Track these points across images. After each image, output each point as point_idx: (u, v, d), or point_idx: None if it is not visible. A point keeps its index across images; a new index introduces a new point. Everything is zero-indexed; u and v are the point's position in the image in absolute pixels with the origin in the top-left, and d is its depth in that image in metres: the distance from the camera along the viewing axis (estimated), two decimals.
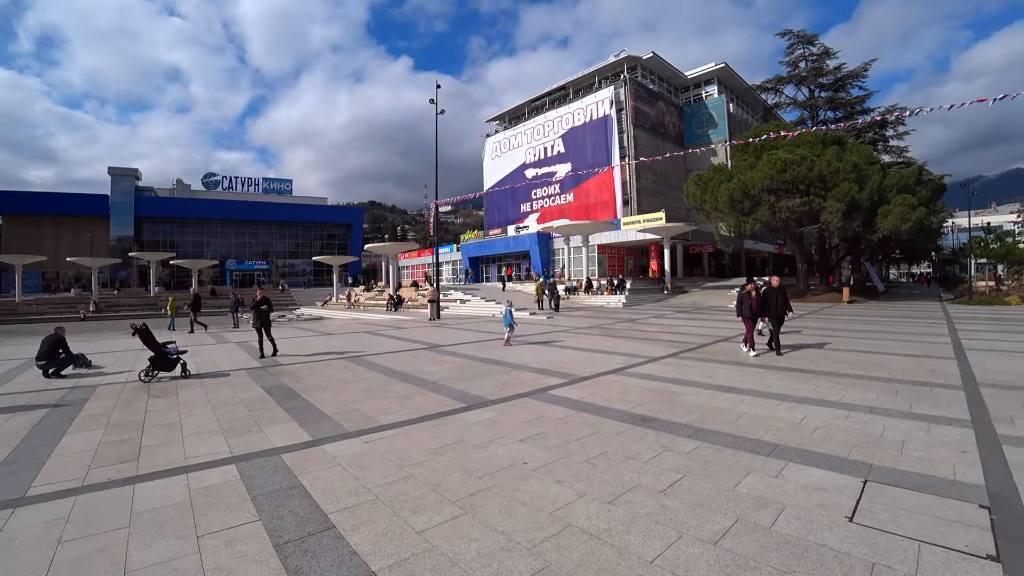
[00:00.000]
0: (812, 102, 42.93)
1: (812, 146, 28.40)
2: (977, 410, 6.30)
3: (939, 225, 46.19)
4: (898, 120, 41.70)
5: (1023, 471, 4.33)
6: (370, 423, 6.12)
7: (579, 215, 47.43)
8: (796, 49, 42.95)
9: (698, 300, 31.02)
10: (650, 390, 7.60)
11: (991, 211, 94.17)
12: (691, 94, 55.68)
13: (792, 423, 5.76)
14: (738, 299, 11.25)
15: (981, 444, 5.04)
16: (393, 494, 4.04)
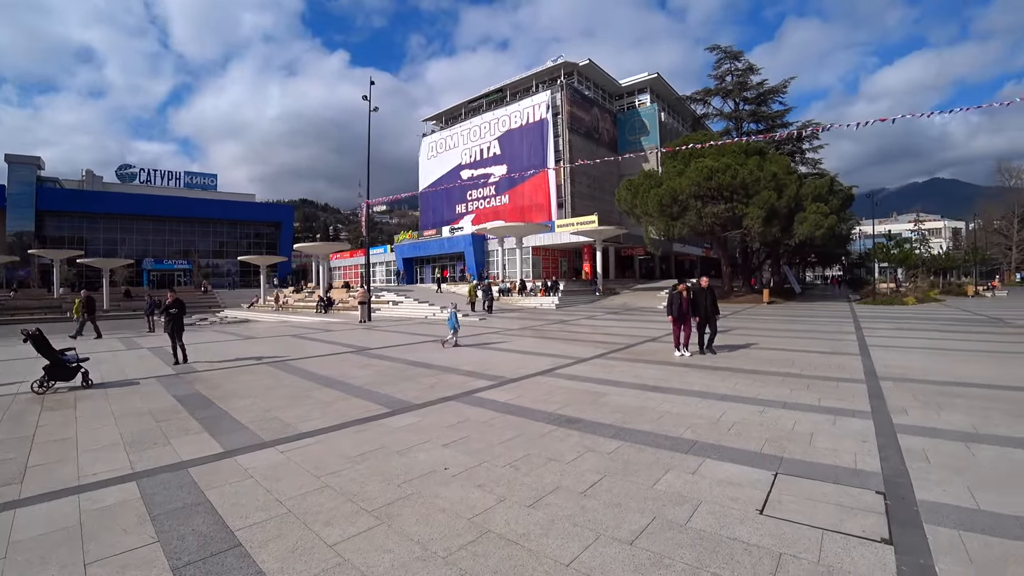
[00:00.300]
0: (737, 114, 45.28)
1: (736, 156, 29.84)
2: (877, 402, 6.81)
3: (848, 232, 49.88)
4: (813, 134, 44.68)
5: (913, 457, 4.74)
6: (288, 431, 5.87)
7: (514, 217, 47.79)
8: (723, 64, 45.30)
9: (628, 301, 31.93)
10: (577, 391, 7.73)
11: (892, 220, 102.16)
12: (625, 102, 57.37)
13: (711, 420, 6.01)
14: (668, 299, 11.36)
15: (879, 433, 5.44)
16: (307, 506, 3.89)
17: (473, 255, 45.36)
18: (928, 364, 9.85)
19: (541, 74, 51.76)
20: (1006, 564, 3.01)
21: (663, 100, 56.80)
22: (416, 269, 54.69)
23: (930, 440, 5.22)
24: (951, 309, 26.36)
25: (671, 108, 58.35)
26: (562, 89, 48.23)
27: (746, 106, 45.46)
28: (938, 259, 63.03)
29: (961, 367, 9.55)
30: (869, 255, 55.73)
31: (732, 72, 45.18)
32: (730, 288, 35.16)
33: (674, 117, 58.73)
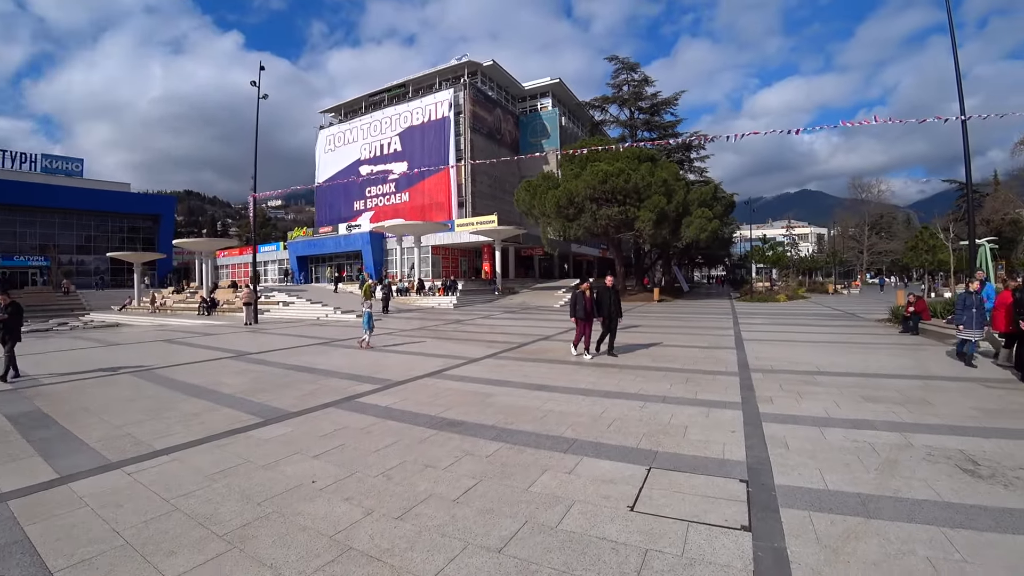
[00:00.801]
0: (632, 122, 47.43)
1: (630, 161, 31.13)
2: (747, 393, 7.26)
3: (730, 235, 53.88)
4: (700, 144, 47.75)
5: (775, 444, 5.05)
6: (141, 449, 5.22)
7: (414, 215, 46.92)
8: (621, 74, 47.34)
9: (527, 300, 32.37)
10: (464, 392, 7.59)
11: (768, 225, 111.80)
12: (527, 104, 58.18)
13: (593, 417, 6.09)
14: (571, 299, 11.00)
15: (747, 423, 5.77)
16: (149, 534, 3.42)
17: (371, 254, 43.99)
18: (794, 355, 10.74)
19: (445, 72, 51.26)
20: (847, 539, 3.24)
21: (564, 105, 58.29)
22: (311, 268, 52.13)
23: (790, 427, 5.61)
24: (815, 305, 29.18)
25: (571, 113, 60.01)
26: (465, 88, 48.05)
27: (641, 115, 47.79)
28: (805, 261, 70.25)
29: (821, 357, 10.49)
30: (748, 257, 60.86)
31: (629, 82, 47.37)
32: (624, 287, 36.71)
33: (574, 122, 60.44)
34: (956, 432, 5.48)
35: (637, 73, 47.14)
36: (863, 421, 5.85)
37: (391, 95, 54.97)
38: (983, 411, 6.36)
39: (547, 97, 57.09)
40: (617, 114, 49.01)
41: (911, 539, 3.25)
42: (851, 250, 71.04)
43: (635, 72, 47.14)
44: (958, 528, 3.38)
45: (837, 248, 72.98)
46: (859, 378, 8.37)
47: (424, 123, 49.77)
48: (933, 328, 13.99)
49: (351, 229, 49.00)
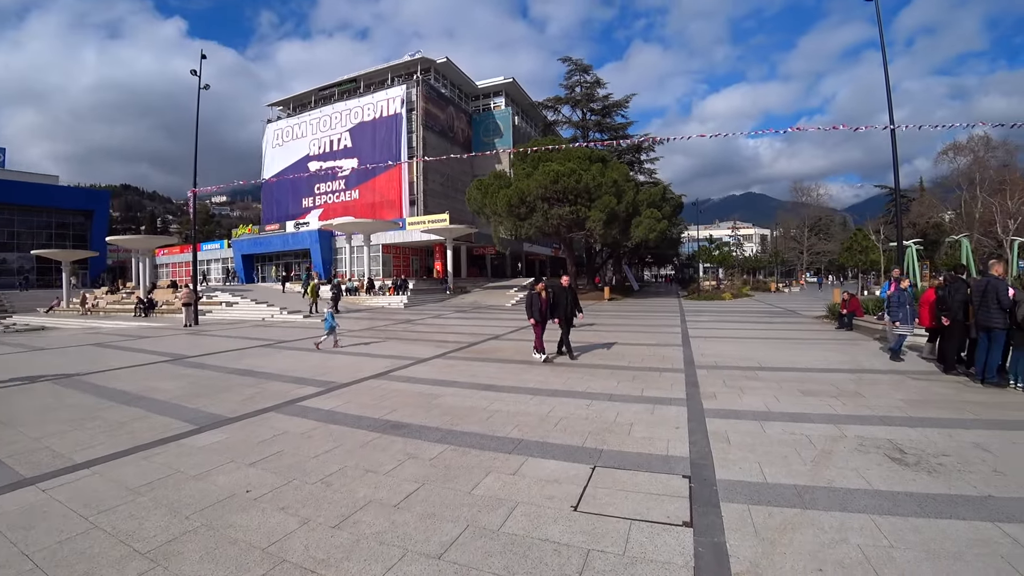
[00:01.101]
0: (584, 123, 48.00)
1: (581, 161, 31.44)
2: (692, 389, 7.40)
3: (678, 235, 55.31)
4: (650, 146, 48.81)
5: (717, 439, 5.14)
6: (59, 463, 4.82)
7: (365, 213, 45.99)
8: (574, 75, 47.86)
9: (478, 300, 32.28)
10: (410, 394, 7.45)
11: (715, 226, 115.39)
12: (481, 103, 58.00)
13: (540, 416, 6.06)
14: (527, 300, 10.34)
15: (691, 419, 5.87)
16: (63, 556, 3.13)
17: (320, 252, 42.91)
18: (737, 352, 11.05)
19: (398, 68, 50.44)
20: (784, 531, 3.31)
21: (517, 105, 58.45)
22: (257, 267, 50.40)
23: (732, 422, 5.74)
24: (758, 303, 30.28)
25: (525, 113, 60.25)
26: (418, 85, 47.46)
27: (592, 116, 48.44)
28: (750, 260, 72.97)
29: (763, 353, 10.84)
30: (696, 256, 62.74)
31: (581, 84, 47.94)
32: (575, 286, 37.08)
33: (527, 122, 60.69)
34: (885, 423, 5.73)
35: (590, 75, 47.81)
36: (801, 414, 6.05)
37: (342, 90, 53.71)
38: (909, 402, 6.70)
39: (500, 96, 57.11)
40: (569, 115, 49.61)
41: (844, 528, 3.35)
42: (792, 250, 74.33)
43: (588, 74, 47.79)
44: (886, 515, 3.52)
45: (779, 248, 76.21)
46: (798, 372, 8.69)
47: (376, 119, 48.90)
48: (865, 324, 14.71)
49: (299, 227, 47.58)
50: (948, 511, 3.57)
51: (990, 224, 41.49)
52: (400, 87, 47.99)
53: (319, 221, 46.81)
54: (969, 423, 5.76)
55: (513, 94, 57.68)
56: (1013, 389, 7.40)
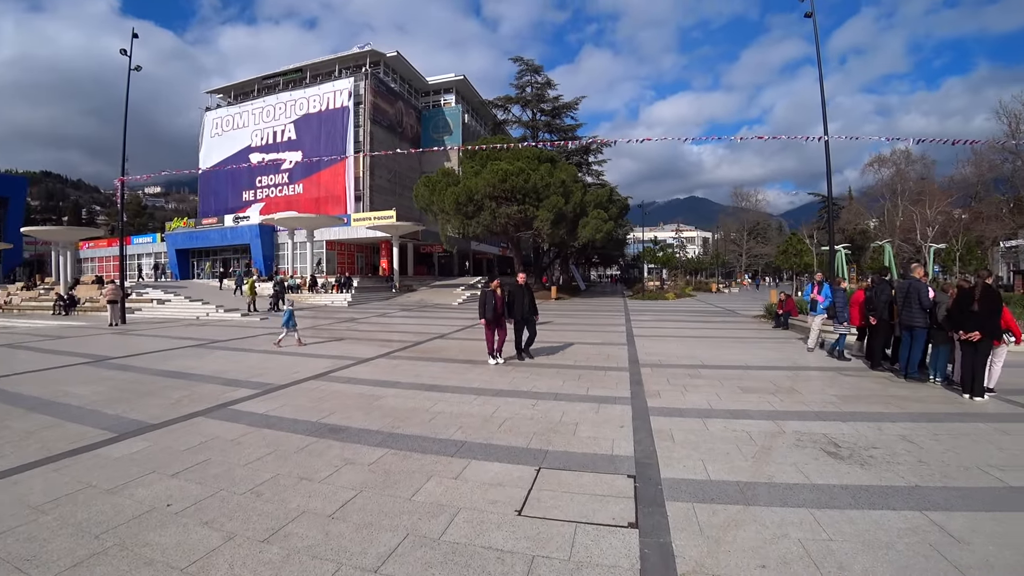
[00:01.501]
0: (534, 123, 48.10)
1: (530, 161, 31.49)
2: (636, 387, 7.43)
3: (624, 236, 56.34)
4: (598, 148, 49.51)
5: (662, 437, 5.16)
6: None
7: (309, 208, 44.51)
8: (525, 75, 47.87)
9: (424, 298, 31.81)
10: (350, 395, 7.16)
11: (659, 228, 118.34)
12: (431, 99, 57.25)
13: (484, 417, 5.92)
14: (480, 298, 9.72)
15: (636, 417, 5.87)
16: None
17: (261, 247, 41.26)
18: (680, 350, 11.26)
19: (346, 59, 49.03)
20: (728, 528, 3.31)
21: (468, 102, 58.07)
22: (193, 262, 47.97)
23: (676, 420, 5.77)
24: (700, 303, 31.15)
25: (475, 111, 59.92)
26: (367, 78, 46.31)
27: (542, 117, 48.63)
28: (692, 262, 75.53)
29: (705, 351, 11.09)
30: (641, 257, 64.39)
31: (532, 84, 48.05)
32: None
33: (477, 120, 60.38)
34: (821, 418, 5.92)
35: (540, 76, 47.98)
36: (742, 411, 6.17)
37: (287, 79, 51.73)
38: (841, 397, 6.98)
39: (451, 93, 56.58)
40: (519, 115, 49.61)
41: (785, 523, 3.40)
42: (732, 253, 77.37)
43: (539, 75, 47.94)
44: (824, 508, 3.61)
45: (720, 251, 79.18)
46: (738, 370, 8.92)
47: (322, 111, 47.41)
48: (800, 323, 15.32)
49: (239, 221, 45.66)
50: (880, 502, 3.71)
51: (910, 231, 44.60)
52: (348, 79, 46.74)
53: (260, 215, 44.92)
54: (895, 416, 6.05)
55: (464, 92, 57.31)
56: (932, 383, 7.88)
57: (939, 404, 6.70)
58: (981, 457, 4.67)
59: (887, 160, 51.39)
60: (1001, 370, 7.21)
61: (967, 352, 7.13)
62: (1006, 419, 6.02)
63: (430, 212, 33.37)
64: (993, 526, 3.36)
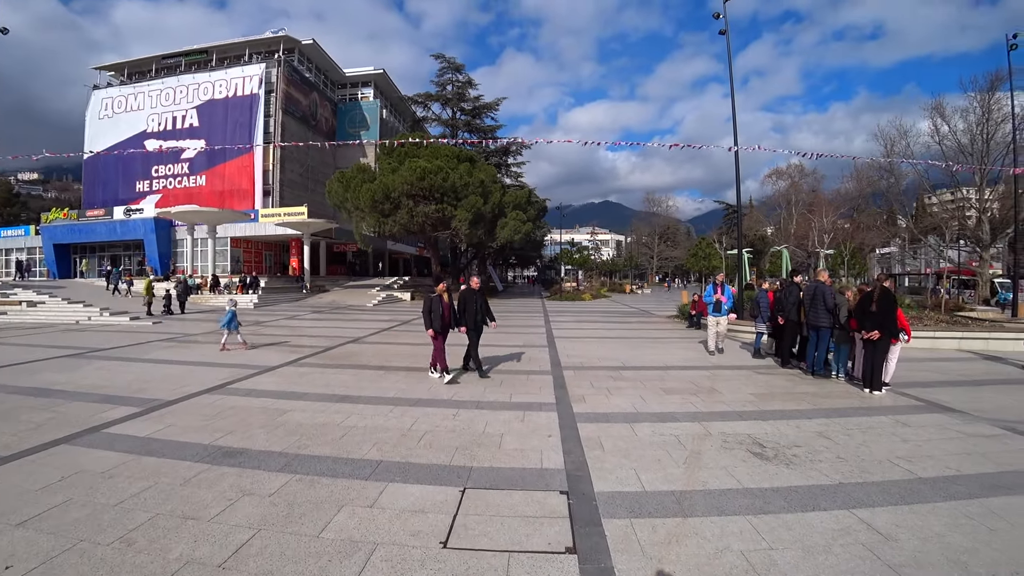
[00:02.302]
0: (453, 122, 47.51)
1: (449, 160, 30.94)
2: (560, 392, 7.20)
3: (542, 238, 57.04)
4: (517, 150, 49.80)
5: (591, 445, 4.95)
6: None
7: (212, 202, 41.10)
8: (446, 73, 47.16)
9: (337, 299, 30.30)
10: (251, 410, 6.35)
11: (575, 231, 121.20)
12: (348, 92, 54.90)
13: (402, 431, 5.44)
14: (425, 305, 8.33)
15: (563, 425, 5.62)
16: None
17: (156, 244, 37.79)
18: (601, 352, 11.25)
19: (257, 44, 45.71)
20: (669, 545, 3.12)
21: (386, 97, 56.35)
22: (75, 259, 43.20)
23: (604, 426, 5.59)
24: (615, 303, 31.94)
25: (393, 107, 58.27)
26: (280, 65, 43.51)
27: (462, 116, 48.15)
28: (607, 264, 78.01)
29: (624, 352, 11.16)
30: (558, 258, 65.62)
31: (453, 83, 47.43)
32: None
33: (396, 116, 58.77)
34: (743, 417, 5.99)
35: (462, 75, 47.48)
36: (667, 414, 6.11)
37: (190, 60, 47.45)
38: (758, 396, 7.16)
39: (369, 87, 54.56)
40: (439, 112, 48.85)
41: (725, 534, 3.28)
42: (644, 255, 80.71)
43: (460, 73, 47.43)
44: (760, 514, 3.54)
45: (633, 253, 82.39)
46: (659, 371, 8.98)
47: (228, 98, 44.04)
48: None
49: (131, 214, 41.44)
50: (811, 503, 3.72)
51: (803, 238, 48.54)
52: (259, 65, 43.70)
53: (156, 208, 41.04)
54: (810, 413, 6.26)
55: (383, 86, 55.53)
56: (835, 379, 8.38)
57: (845, 399, 7.05)
58: (889, 450, 4.90)
59: (783, 173, 55.97)
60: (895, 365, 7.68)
61: (868, 350, 7.59)
62: (902, 411, 6.40)
63: (344, 209, 31.92)
64: (914, 519, 3.47)
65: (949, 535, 3.26)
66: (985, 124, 28.07)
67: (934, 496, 3.86)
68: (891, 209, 45.54)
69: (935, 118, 29.74)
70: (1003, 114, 26.99)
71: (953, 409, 6.52)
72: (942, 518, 3.49)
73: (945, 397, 7.21)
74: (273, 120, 42.90)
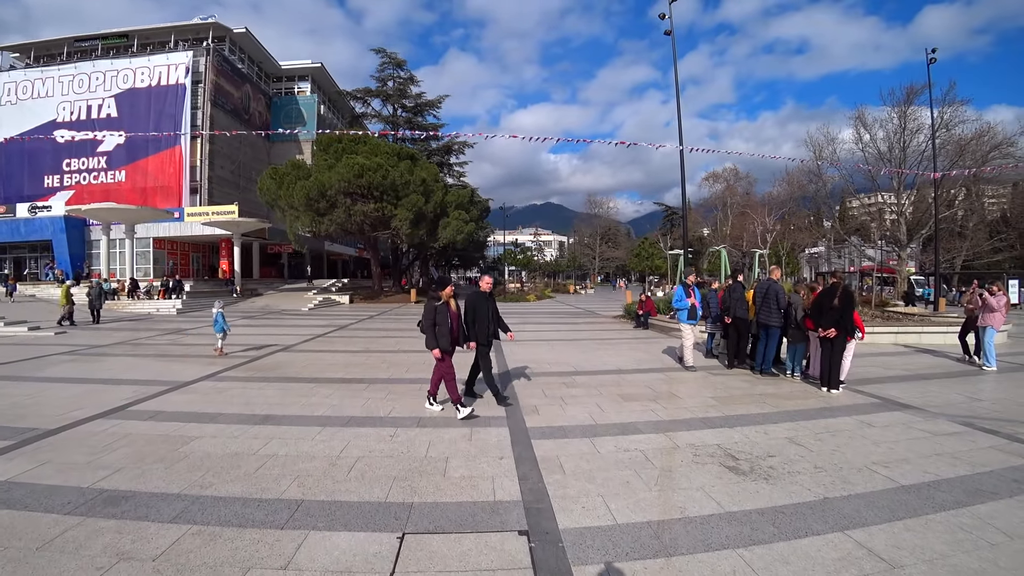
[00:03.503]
0: (395, 119, 46.19)
1: (389, 157, 29.86)
2: (511, 402, 6.52)
3: (485, 239, 56.47)
4: (460, 149, 49.11)
5: (550, 468, 4.37)
6: None
7: (133, 199, 37.84)
8: (387, 69, 45.80)
9: (271, 303, 28.29)
10: (151, 439, 5.24)
11: (518, 232, 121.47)
12: (284, 86, 52.29)
13: (330, 459, 4.62)
14: (426, 316, 6.29)
15: (515, 442, 5.03)
16: None
17: (67, 245, 34.62)
18: (550, 355, 10.74)
19: (184, 30, 42.54)
20: None
21: (324, 93, 54.11)
22: None
23: (561, 442, 5.03)
24: (560, 304, 31.74)
25: (332, 103, 56.07)
26: (209, 53, 40.64)
27: (404, 113, 46.89)
28: (550, 264, 78.35)
29: (574, 356, 10.73)
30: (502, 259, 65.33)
31: (395, 79, 46.11)
32: (380, 288, 35.22)
33: (334, 112, 56.58)
34: (708, 425, 5.64)
35: (404, 71, 46.22)
36: (628, 424, 5.64)
37: (108, 45, 43.55)
38: (718, 399, 6.88)
39: (306, 81, 52.12)
40: (380, 109, 47.39)
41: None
42: (586, 256, 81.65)
43: (402, 70, 46.17)
44: (751, 546, 3.12)
45: (576, 254, 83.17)
46: (612, 375, 8.55)
47: (152, 87, 40.76)
48: (659, 323, 15.80)
49: (36, 211, 37.80)
50: (802, 527, 3.36)
51: (737, 239, 50.29)
52: (186, 53, 40.64)
53: (67, 206, 37.49)
54: (774, 417, 6.01)
55: (321, 81, 53.23)
56: (791, 378, 8.27)
57: (805, 400, 6.91)
58: (864, 455, 4.69)
59: (719, 176, 57.91)
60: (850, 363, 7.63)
61: (825, 348, 7.52)
62: (863, 410, 6.32)
63: (278, 208, 30.21)
64: (912, 539, 3.19)
65: (953, 556, 2.98)
66: (902, 133, 30.03)
67: (923, 507, 3.64)
68: (818, 211, 47.85)
69: (858, 127, 31.44)
70: (917, 125, 29.14)
71: (909, 406, 6.55)
72: (939, 534, 3.23)
73: (897, 393, 7.29)
74: (201, 112, 40.27)
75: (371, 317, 21.33)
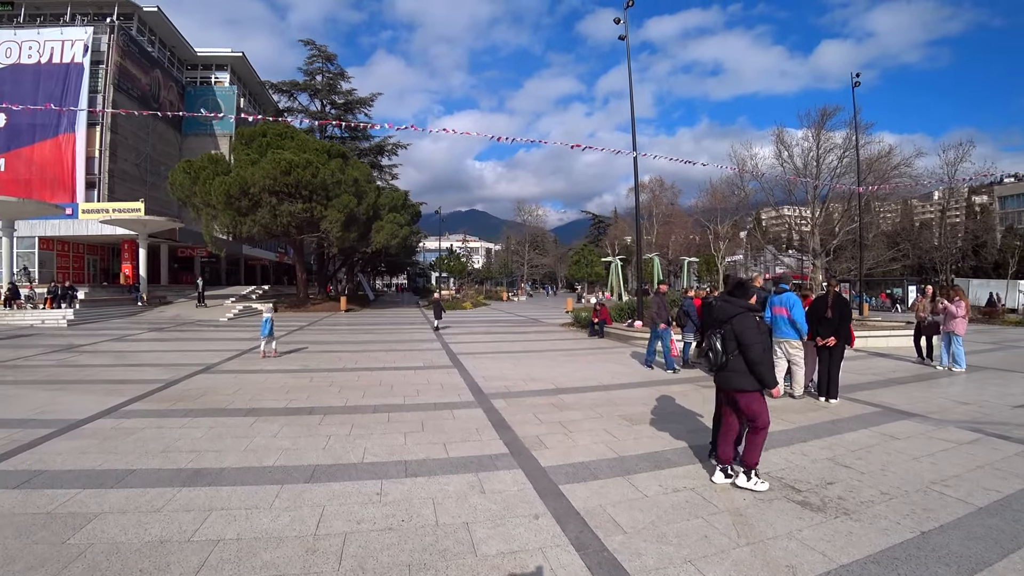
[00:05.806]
0: (323, 115, 43.71)
1: (319, 154, 27.91)
2: (506, 434, 5.52)
3: (416, 244, 54.98)
4: (392, 150, 47.56)
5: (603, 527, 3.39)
6: None
7: (14, 191, 32.34)
8: (316, 62, 43.42)
9: (183, 313, 25.11)
10: (21, 524, 3.36)
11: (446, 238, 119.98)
12: (200, 75, 48.10)
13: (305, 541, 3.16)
14: (758, 332, 4.49)
15: (540, 491, 3.96)
16: None
17: None
18: (517, 371, 9.74)
19: (84, 4, 37.61)
20: None
21: (245, 84, 50.46)
22: None
23: (595, 486, 4.07)
24: (498, 312, 30.88)
25: (253, 96, 52.45)
26: (113, 31, 36.13)
27: (333, 110, 44.56)
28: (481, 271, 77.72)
29: (546, 371, 9.81)
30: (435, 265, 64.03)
31: (324, 72, 43.77)
32: (306, 296, 32.79)
33: (255, 106, 52.88)
34: None
35: (334, 65, 43.97)
36: (657, 455, 4.81)
37: None
38: None
39: (225, 71, 48.20)
40: (307, 104, 44.78)
41: None
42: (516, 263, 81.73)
43: (332, 64, 43.91)
44: None
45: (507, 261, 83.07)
46: (600, 393, 7.76)
47: (42, 64, 35.77)
48: (615, 331, 15.27)
49: None
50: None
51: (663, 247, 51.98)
52: (85, 29, 35.93)
53: None
54: (795, 434, 5.61)
55: (241, 72, 49.48)
56: None
57: (810, 412, 6.66)
58: (915, 474, 4.32)
59: (644, 186, 59.60)
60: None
61: (823, 358, 7.33)
62: (872, 421, 6.09)
63: (192, 206, 27.25)
64: None
65: None
66: (817, 151, 32.08)
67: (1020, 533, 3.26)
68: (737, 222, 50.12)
69: (778, 144, 33.10)
70: (830, 144, 31.59)
71: (911, 413, 6.38)
72: None
73: (889, 399, 7.19)
74: (102, 97, 36.02)
75: (301, 328, 19.41)
